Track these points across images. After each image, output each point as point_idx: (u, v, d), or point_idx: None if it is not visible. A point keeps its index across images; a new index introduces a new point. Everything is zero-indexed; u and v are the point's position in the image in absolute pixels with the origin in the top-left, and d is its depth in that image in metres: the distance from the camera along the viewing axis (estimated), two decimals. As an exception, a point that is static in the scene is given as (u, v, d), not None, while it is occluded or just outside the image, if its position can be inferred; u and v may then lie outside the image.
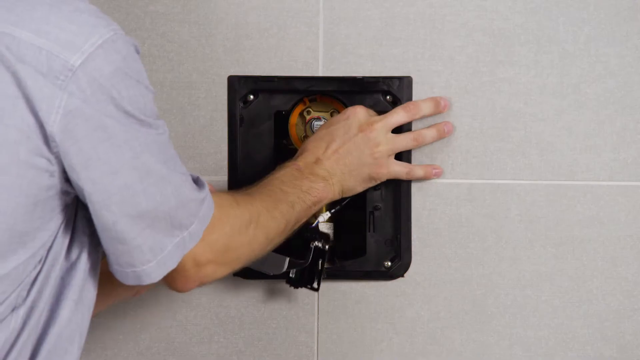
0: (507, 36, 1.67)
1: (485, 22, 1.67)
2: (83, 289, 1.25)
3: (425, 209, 1.70)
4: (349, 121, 1.60)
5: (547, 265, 1.70)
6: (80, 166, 1.15)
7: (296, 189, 1.50)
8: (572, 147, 1.68)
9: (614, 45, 1.66)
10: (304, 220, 1.52)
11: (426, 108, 1.63)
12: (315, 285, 1.62)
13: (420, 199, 1.69)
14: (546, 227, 1.69)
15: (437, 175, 1.66)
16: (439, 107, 1.64)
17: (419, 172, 1.65)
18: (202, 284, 1.31)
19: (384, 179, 1.62)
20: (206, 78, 1.69)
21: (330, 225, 1.69)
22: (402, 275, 1.71)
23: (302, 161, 1.56)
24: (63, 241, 1.22)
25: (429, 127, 1.65)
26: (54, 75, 1.11)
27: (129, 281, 1.24)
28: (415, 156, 1.68)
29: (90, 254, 1.26)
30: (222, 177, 1.69)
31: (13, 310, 1.18)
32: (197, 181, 1.30)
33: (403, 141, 1.62)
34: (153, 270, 1.24)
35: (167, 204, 1.21)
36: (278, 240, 1.45)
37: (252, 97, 1.69)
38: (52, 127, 1.12)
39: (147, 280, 1.24)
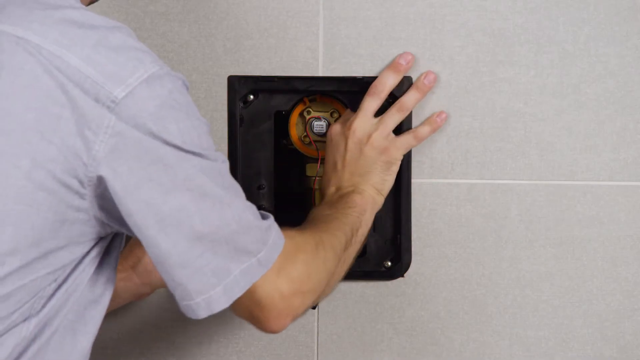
0: (507, 36, 1.67)
1: (485, 22, 1.67)
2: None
3: (425, 209, 1.70)
4: (348, 144, 1.61)
5: (547, 265, 1.70)
6: (131, 187, 1.14)
7: (336, 209, 1.52)
8: (572, 147, 1.68)
9: (614, 45, 1.66)
10: (364, 229, 1.54)
11: (411, 101, 1.63)
12: None
13: (420, 199, 1.69)
14: (546, 227, 1.69)
15: (444, 120, 1.65)
16: (422, 90, 1.64)
17: (425, 130, 1.64)
18: (294, 318, 1.29)
19: (399, 156, 1.62)
20: (206, 78, 1.69)
21: (330, 225, 1.70)
22: (402, 275, 1.71)
23: (327, 197, 1.60)
24: (88, 270, 1.21)
25: (423, 123, 1.65)
26: (102, 102, 1.11)
27: (201, 312, 1.22)
28: (415, 156, 1.68)
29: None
30: (222, 177, 1.69)
31: (26, 319, 1.18)
32: (263, 214, 1.29)
33: (405, 142, 1.62)
34: (220, 296, 1.21)
35: (228, 228, 1.20)
36: (347, 256, 1.46)
37: (252, 97, 1.69)
38: (99, 147, 1.12)
39: (217, 308, 1.22)
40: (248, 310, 1.27)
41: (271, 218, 1.29)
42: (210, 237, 1.19)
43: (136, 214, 1.15)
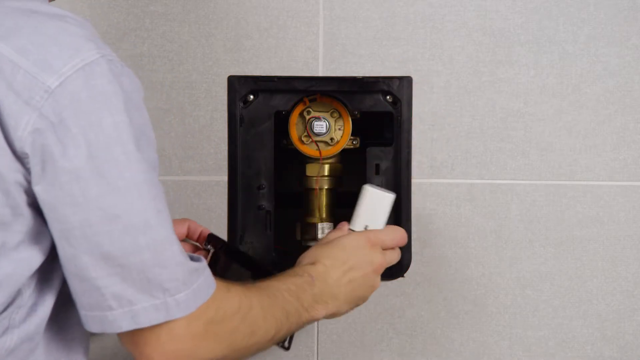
0: (507, 36, 1.67)
1: (485, 22, 1.67)
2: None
3: (425, 209, 1.70)
4: (372, 256, 1.48)
5: (547, 265, 1.70)
6: (44, 187, 1.09)
7: (298, 302, 1.37)
8: (572, 147, 1.68)
9: (614, 45, 1.66)
10: (292, 332, 1.40)
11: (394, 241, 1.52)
12: (286, 344, 1.49)
13: (420, 199, 1.69)
14: (546, 227, 1.69)
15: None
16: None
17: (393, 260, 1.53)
18: None
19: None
20: (206, 78, 1.69)
21: (330, 225, 1.70)
22: (402, 275, 1.71)
23: (318, 277, 1.43)
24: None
25: (394, 249, 1.54)
26: (28, 95, 1.08)
27: (93, 327, 1.15)
28: (415, 156, 1.68)
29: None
30: (222, 177, 1.69)
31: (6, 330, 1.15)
32: (193, 256, 1.21)
33: (394, 259, 1.53)
34: (117, 319, 1.13)
35: (139, 256, 1.12)
36: (264, 344, 1.32)
37: (252, 97, 1.69)
38: (22, 144, 1.08)
39: (110, 329, 1.14)
40: (141, 343, 1.16)
41: (203, 262, 1.20)
42: (118, 260, 1.11)
43: (46, 214, 1.11)
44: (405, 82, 1.67)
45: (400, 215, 1.69)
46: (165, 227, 1.14)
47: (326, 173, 1.70)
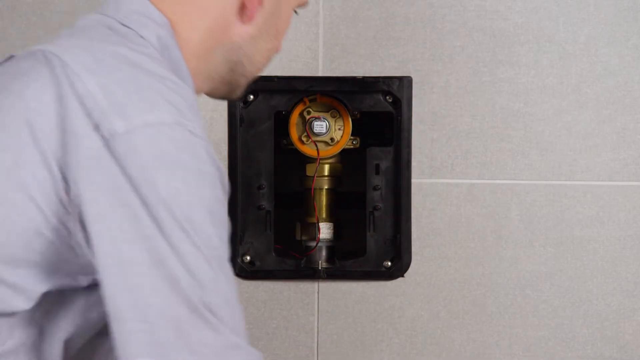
0: (507, 36, 1.67)
1: (485, 22, 1.67)
2: None
3: (425, 209, 1.70)
4: None
5: (547, 265, 1.70)
6: (93, 215, 1.03)
7: None
8: (572, 147, 1.68)
9: (614, 45, 1.66)
10: None
11: None
12: None
13: (420, 199, 1.69)
14: (546, 227, 1.69)
15: None
16: None
17: None
18: None
19: None
20: (206, 78, 1.69)
21: (330, 225, 1.70)
22: (402, 275, 1.71)
23: None
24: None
25: None
26: (98, 129, 1.04)
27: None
28: (415, 156, 1.68)
29: None
30: (222, 177, 1.69)
31: None
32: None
33: None
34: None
35: (175, 309, 1.02)
36: None
37: (252, 97, 1.69)
38: (76, 166, 1.04)
39: None
40: None
41: (260, 356, 1.07)
42: (154, 309, 1.02)
43: (92, 244, 1.03)
44: (405, 82, 1.67)
45: (400, 215, 1.69)
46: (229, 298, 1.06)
47: (326, 173, 1.70)
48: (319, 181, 1.69)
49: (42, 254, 1.06)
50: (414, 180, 1.69)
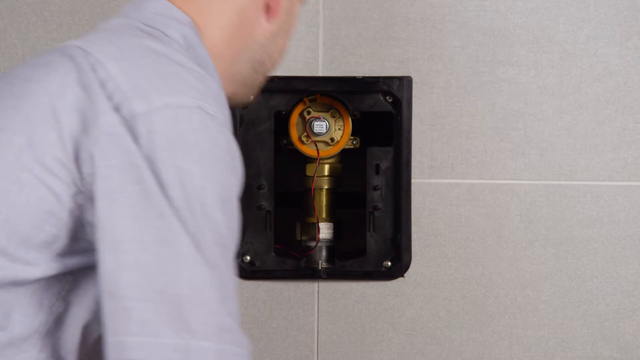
0: (507, 36, 1.67)
1: (485, 22, 1.67)
2: None
3: (425, 209, 1.70)
4: None
5: (547, 265, 1.70)
6: (104, 190, 1.03)
7: None
8: (572, 147, 1.68)
9: (614, 45, 1.66)
10: None
11: None
12: None
13: (420, 199, 1.70)
14: (546, 227, 1.69)
15: None
16: None
17: None
18: None
19: None
20: (206, 78, 1.69)
21: (330, 225, 1.70)
22: (402, 275, 1.71)
23: None
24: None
25: None
26: (119, 110, 1.04)
27: (110, 355, 1.03)
28: (415, 156, 1.68)
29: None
30: (222, 177, 1.69)
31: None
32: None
33: None
34: (136, 347, 1.01)
35: (177, 288, 1.02)
36: None
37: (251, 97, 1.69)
38: (93, 142, 1.04)
39: (129, 357, 1.02)
40: None
41: (248, 344, 1.09)
42: (156, 285, 1.02)
43: (97, 223, 1.03)
44: (405, 82, 1.67)
45: (400, 215, 1.69)
46: (224, 272, 1.07)
47: (326, 173, 1.70)
48: (319, 181, 1.69)
49: (54, 234, 1.06)
50: (414, 180, 1.69)
